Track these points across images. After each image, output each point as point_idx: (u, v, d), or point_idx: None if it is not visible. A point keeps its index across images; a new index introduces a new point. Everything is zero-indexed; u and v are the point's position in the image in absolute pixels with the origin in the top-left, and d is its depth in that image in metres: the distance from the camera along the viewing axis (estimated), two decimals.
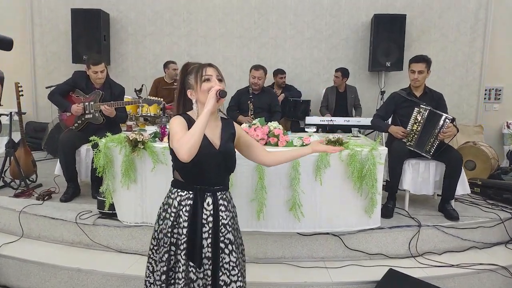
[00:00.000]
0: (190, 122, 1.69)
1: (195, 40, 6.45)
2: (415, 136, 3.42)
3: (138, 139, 2.80)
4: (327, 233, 3.00)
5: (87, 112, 3.70)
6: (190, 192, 1.75)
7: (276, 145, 2.94)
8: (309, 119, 4.99)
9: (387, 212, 3.32)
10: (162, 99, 3.95)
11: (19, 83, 3.90)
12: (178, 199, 1.76)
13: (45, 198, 3.56)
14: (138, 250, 3.08)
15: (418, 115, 3.42)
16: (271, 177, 2.80)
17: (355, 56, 6.37)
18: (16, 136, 6.38)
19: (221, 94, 1.66)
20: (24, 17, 6.44)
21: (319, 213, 2.90)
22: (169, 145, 1.73)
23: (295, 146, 2.92)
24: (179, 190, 1.78)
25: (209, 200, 1.75)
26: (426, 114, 3.38)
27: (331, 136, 2.86)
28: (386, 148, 2.97)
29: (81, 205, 3.46)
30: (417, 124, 3.42)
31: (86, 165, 3.74)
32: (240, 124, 4.35)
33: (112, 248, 3.10)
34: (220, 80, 1.73)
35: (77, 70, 3.91)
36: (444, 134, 3.28)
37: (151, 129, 3.70)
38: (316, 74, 6.46)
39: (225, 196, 1.80)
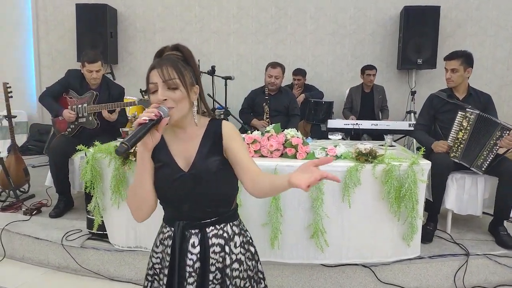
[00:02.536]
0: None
1: (207, 36, 5.99)
2: (461, 146, 2.87)
3: (130, 150, 2.34)
4: (356, 264, 2.49)
5: (80, 115, 3.29)
6: (172, 229, 1.31)
7: (294, 157, 2.45)
8: (331, 123, 4.46)
9: (426, 236, 2.79)
10: None
11: (7, 83, 3.51)
12: (161, 236, 1.35)
13: (33, 213, 3.17)
14: (132, 278, 2.64)
15: (463, 120, 2.86)
16: (288, 197, 2.31)
17: (383, 52, 5.79)
18: (21, 139, 6.12)
19: (117, 150, 1.11)
20: (29, 14, 6.11)
21: (347, 242, 2.38)
22: None
23: (317, 158, 2.41)
24: (163, 224, 1.37)
25: (194, 240, 1.28)
26: (473, 119, 2.83)
27: (361, 147, 2.35)
28: (429, 162, 2.44)
29: (71, 222, 3.05)
30: (463, 131, 2.86)
31: (80, 173, 3.31)
32: (254, 129, 3.89)
33: (103, 275, 2.68)
34: (173, 87, 1.21)
35: (71, 69, 3.51)
36: (510, 143, 2.72)
37: None
38: (339, 73, 5.91)
39: (222, 232, 1.30)
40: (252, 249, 1.38)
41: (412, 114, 5.38)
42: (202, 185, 1.25)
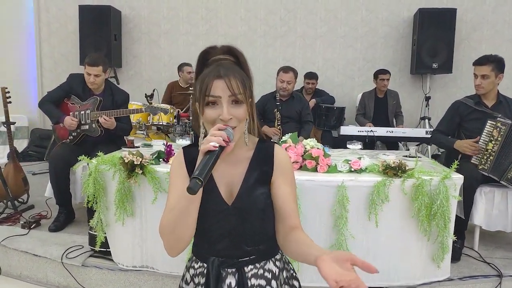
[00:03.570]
0: (193, 160, 1.03)
1: (214, 39, 5.80)
2: (490, 158, 2.67)
3: (135, 162, 2.15)
4: (382, 287, 2.29)
5: (82, 122, 3.11)
6: (204, 266, 1.12)
7: (315, 170, 2.25)
8: (344, 129, 4.27)
9: (454, 254, 2.55)
10: (169, 107, 3.35)
11: (6, 88, 3.33)
12: (191, 272, 1.16)
13: (32, 226, 2.97)
14: None
15: (494, 130, 2.66)
16: (308, 214, 2.11)
17: (395, 56, 5.59)
18: (22, 145, 5.94)
19: (191, 187, 0.87)
20: (31, 16, 5.94)
21: (372, 263, 2.14)
22: None
23: (340, 172, 2.22)
24: (194, 258, 1.17)
25: (230, 280, 1.09)
26: (505, 130, 2.62)
27: (389, 160, 2.15)
28: (462, 177, 2.23)
29: (72, 237, 2.85)
30: (493, 142, 2.66)
31: (82, 186, 3.13)
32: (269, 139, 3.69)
33: None
34: (237, 101, 1.01)
35: (73, 73, 3.35)
36: None
37: (158, 144, 3.08)
38: (350, 77, 5.71)
39: (262, 272, 1.11)
40: (296, 283, 1.21)
41: (427, 120, 5.18)
42: (246, 222, 1.07)
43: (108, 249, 2.49)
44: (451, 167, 2.15)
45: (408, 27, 5.49)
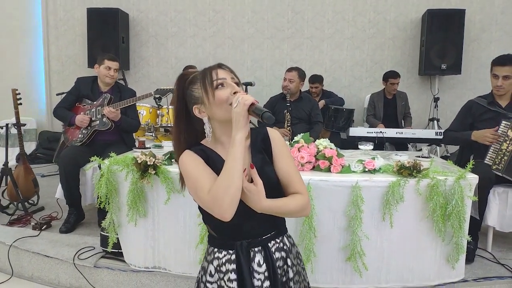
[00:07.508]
0: (209, 157, 1.17)
1: (221, 41, 5.81)
2: (505, 158, 2.64)
3: (149, 163, 2.15)
4: None
5: (93, 119, 3.15)
6: (230, 252, 1.19)
7: (328, 170, 2.23)
8: (353, 131, 4.24)
9: (467, 255, 2.52)
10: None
11: (17, 89, 3.35)
12: (215, 263, 1.21)
13: (43, 228, 2.98)
14: None
15: (509, 130, 2.63)
16: (322, 214, 2.10)
17: (403, 57, 5.57)
18: (30, 147, 5.96)
19: (256, 110, 1.07)
20: (39, 19, 5.97)
21: (387, 264, 2.16)
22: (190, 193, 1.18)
23: (354, 172, 2.21)
24: (215, 250, 1.22)
25: (258, 258, 1.19)
26: None
27: (404, 160, 2.13)
28: (477, 177, 2.21)
29: (83, 238, 2.85)
30: (507, 142, 2.63)
31: (93, 187, 3.12)
32: None
33: None
34: (238, 83, 1.19)
35: (80, 76, 3.40)
36: None
37: (169, 144, 3.07)
38: (358, 79, 5.69)
39: (282, 245, 1.25)
40: (302, 258, 1.38)
41: (436, 121, 5.16)
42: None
43: (120, 250, 2.49)
44: (466, 167, 2.13)
45: (416, 28, 5.48)
